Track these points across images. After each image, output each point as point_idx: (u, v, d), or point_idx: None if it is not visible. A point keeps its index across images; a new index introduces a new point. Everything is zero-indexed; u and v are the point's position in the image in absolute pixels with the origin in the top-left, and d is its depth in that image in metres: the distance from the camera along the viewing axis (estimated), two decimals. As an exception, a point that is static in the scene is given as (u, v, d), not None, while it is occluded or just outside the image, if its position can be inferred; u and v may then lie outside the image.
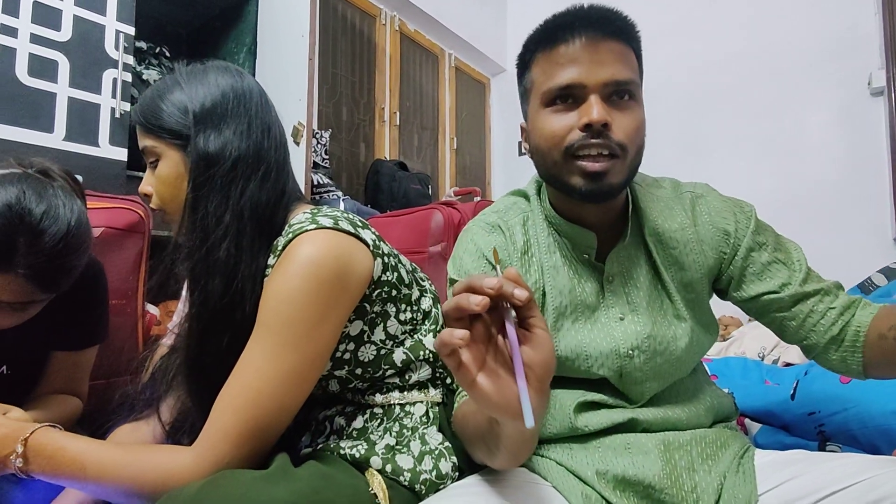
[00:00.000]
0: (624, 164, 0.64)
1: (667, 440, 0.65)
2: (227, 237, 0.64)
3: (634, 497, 0.62)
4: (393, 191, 2.49)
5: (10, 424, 0.61)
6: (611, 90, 0.63)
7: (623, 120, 0.63)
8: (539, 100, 0.67)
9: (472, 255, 0.73)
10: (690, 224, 0.72)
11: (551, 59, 0.65)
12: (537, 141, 0.68)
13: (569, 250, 0.72)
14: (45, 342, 0.87)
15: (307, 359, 0.61)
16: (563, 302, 0.70)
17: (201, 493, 0.50)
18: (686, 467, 0.63)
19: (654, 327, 0.69)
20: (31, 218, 0.68)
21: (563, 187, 0.66)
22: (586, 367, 0.68)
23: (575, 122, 0.63)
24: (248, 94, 0.70)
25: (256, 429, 0.59)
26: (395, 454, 0.65)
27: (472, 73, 3.75)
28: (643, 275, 0.71)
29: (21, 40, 1.44)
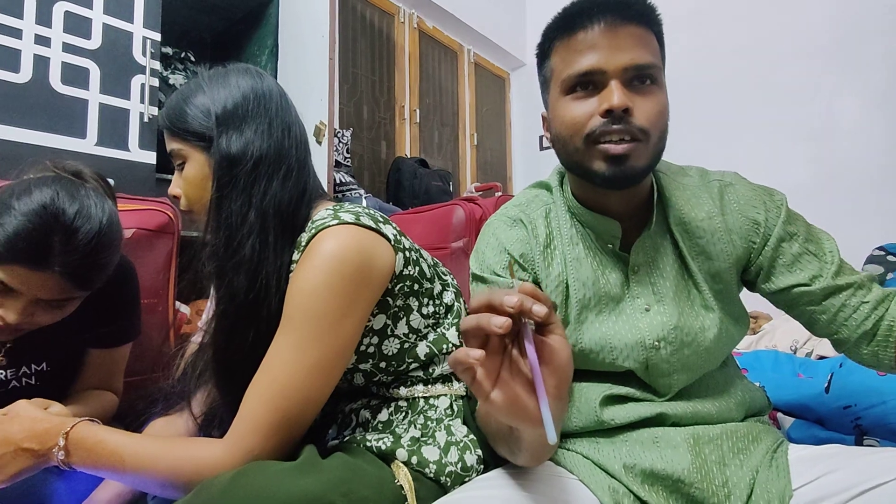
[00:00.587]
0: (647, 147, 0.62)
1: (696, 434, 0.64)
2: (251, 235, 0.65)
3: (663, 491, 0.61)
4: (414, 188, 2.50)
5: (52, 419, 0.64)
6: (631, 75, 0.62)
7: (645, 104, 0.62)
8: (559, 88, 0.66)
9: (495, 250, 0.73)
10: (718, 213, 0.71)
11: (570, 47, 0.64)
12: (558, 129, 0.67)
13: (592, 241, 0.71)
14: (82, 340, 0.90)
15: (332, 352, 0.62)
16: (587, 294, 0.69)
17: (233, 484, 0.51)
18: (717, 461, 0.62)
19: (680, 318, 0.68)
20: (65, 218, 0.70)
21: (586, 174, 0.65)
22: (611, 359, 0.68)
23: (595, 108, 0.62)
24: (269, 94, 0.71)
25: (284, 420, 0.60)
26: (421, 446, 0.66)
27: (491, 69, 3.73)
28: (669, 264, 0.70)
29: (54, 49, 1.48)
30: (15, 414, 0.65)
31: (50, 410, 0.68)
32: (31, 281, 0.70)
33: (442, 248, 1.46)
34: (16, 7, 1.42)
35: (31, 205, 0.69)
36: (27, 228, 0.68)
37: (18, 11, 1.42)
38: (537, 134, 3.73)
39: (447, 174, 2.76)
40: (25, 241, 0.68)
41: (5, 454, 0.61)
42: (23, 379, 0.84)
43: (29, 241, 0.68)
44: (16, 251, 0.68)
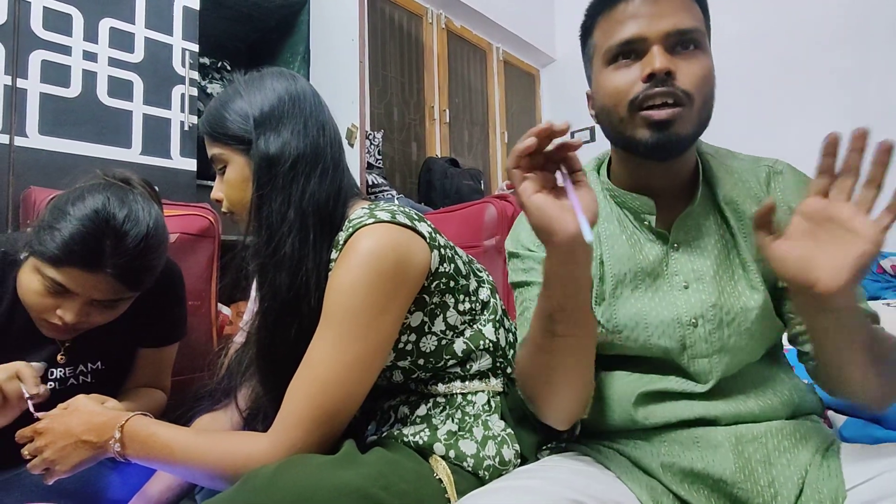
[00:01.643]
0: (691, 112, 0.61)
1: (739, 433, 0.62)
2: (291, 233, 0.67)
3: (704, 491, 0.59)
4: (445, 187, 2.50)
5: (108, 413, 0.67)
6: (674, 40, 0.61)
7: (688, 67, 0.61)
8: (601, 60, 0.66)
9: (529, 231, 0.72)
10: (764, 199, 0.68)
11: (611, 19, 0.64)
12: (602, 100, 0.66)
13: (629, 220, 0.71)
14: (133, 340, 0.95)
15: (370, 348, 0.63)
16: (622, 269, 0.69)
17: (276, 475, 0.52)
18: (761, 461, 0.60)
19: (721, 296, 0.65)
20: (115, 222, 0.74)
21: (630, 144, 0.64)
22: (645, 336, 0.66)
23: (638, 75, 0.61)
24: (303, 95, 0.73)
25: (325, 415, 0.61)
26: (458, 440, 0.66)
27: (520, 66, 3.71)
28: (712, 243, 0.68)
29: (101, 64, 1.56)
30: (75, 408, 0.68)
31: (106, 405, 0.71)
32: (86, 282, 0.74)
33: (475, 247, 1.46)
34: (65, 25, 1.50)
35: (84, 210, 0.73)
36: (81, 232, 0.72)
37: (68, 29, 1.50)
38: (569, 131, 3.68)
39: (478, 173, 2.75)
40: (80, 245, 0.72)
41: (66, 445, 0.65)
42: (80, 377, 0.89)
43: (83, 245, 0.72)
44: (71, 254, 0.72)
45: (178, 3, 1.73)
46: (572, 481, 0.57)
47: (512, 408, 0.73)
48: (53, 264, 0.73)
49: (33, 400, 0.71)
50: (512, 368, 0.76)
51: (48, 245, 0.72)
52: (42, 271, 0.74)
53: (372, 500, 0.52)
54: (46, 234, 0.73)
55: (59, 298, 0.76)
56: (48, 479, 0.67)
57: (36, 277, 0.75)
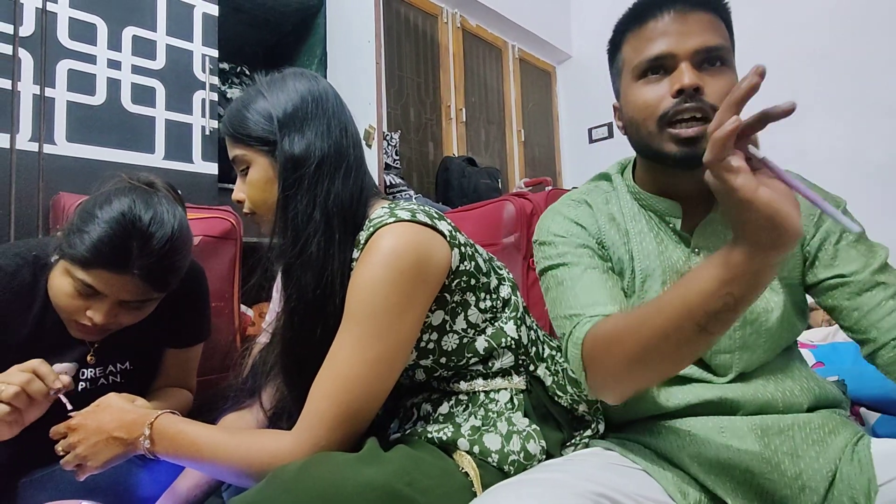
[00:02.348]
0: None
1: (765, 424, 0.62)
2: (317, 234, 0.67)
3: (730, 482, 0.59)
4: (463, 186, 2.50)
5: (138, 410, 0.69)
6: (701, 57, 0.64)
7: (716, 84, 0.63)
8: (630, 75, 0.69)
9: (559, 221, 0.75)
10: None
11: (641, 36, 0.67)
12: (631, 114, 0.69)
13: (655, 222, 0.72)
14: (159, 340, 0.97)
15: (392, 347, 0.63)
16: (651, 265, 0.70)
17: (301, 472, 0.53)
18: (788, 453, 0.60)
19: None
20: (141, 224, 0.76)
21: (657, 156, 0.67)
22: None
23: (667, 90, 0.64)
24: (325, 95, 0.73)
25: (348, 413, 0.62)
26: (482, 435, 0.66)
27: (536, 63, 3.69)
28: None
29: (124, 71, 1.59)
30: (106, 405, 0.70)
31: (135, 404, 0.73)
32: (114, 283, 0.76)
33: (494, 245, 1.46)
34: (90, 34, 1.53)
35: (111, 213, 0.75)
36: (109, 235, 0.74)
37: (92, 38, 1.54)
38: (586, 127, 3.66)
39: (496, 171, 2.74)
40: (108, 247, 0.74)
41: (98, 442, 0.67)
42: (109, 377, 0.91)
43: (111, 247, 0.74)
44: (100, 256, 0.74)
45: (198, 9, 1.76)
46: (597, 475, 0.57)
47: (535, 405, 0.73)
48: (83, 266, 0.75)
49: (59, 392, 0.72)
50: (535, 366, 0.75)
51: (78, 248, 0.74)
52: (72, 273, 0.76)
53: (396, 496, 0.52)
54: (76, 237, 0.75)
55: (88, 300, 0.77)
56: (80, 475, 0.69)
57: (66, 280, 0.77)
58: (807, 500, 0.56)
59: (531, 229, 1.49)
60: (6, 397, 0.67)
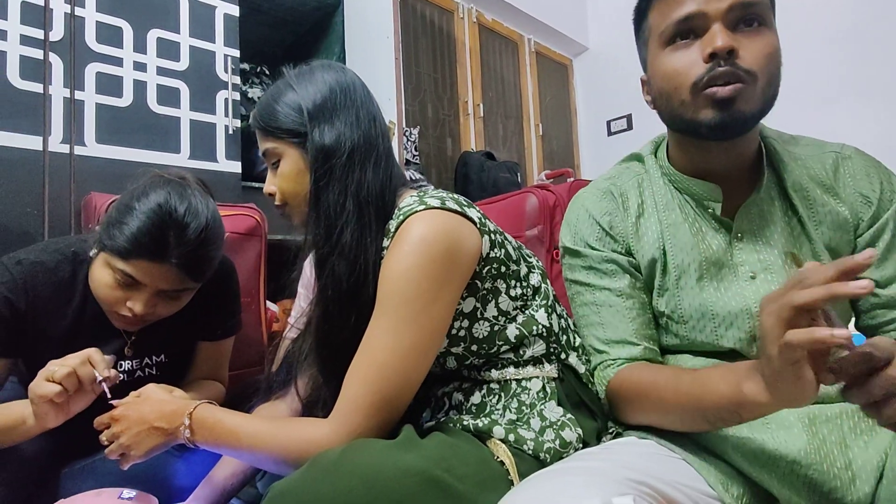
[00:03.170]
0: (755, 90, 0.58)
1: (812, 414, 0.59)
2: (349, 223, 0.67)
3: (776, 474, 0.57)
4: (482, 181, 2.50)
5: (178, 401, 0.70)
6: (736, 15, 0.58)
7: (752, 45, 0.58)
8: (657, 41, 0.64)
9: (586, 222, 0.73)
10: (832, 185, 0.66)
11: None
12: (660, 84, 0.64)
13: (691, 207, 0.69)
14: (193, 333, 0.99)
15: (426, 333, 0.64)
16: (686, 259, 0.67)
17: (341, 458, 0.53)
18: (837, 442, 0.57)
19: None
20: (177, 214, 0.78)
21: (691, 127, 0.62)
22: (712, 327, 0.65)
23: (698, 55, 0.59)
24: (353, 86, 0.74)
25: (383, 401, 0.62)
26: (517, 427, 0.66)
27: (553, 56, 3.66)
28: (778, 231, 0.65)
29: (150, 73, 1.62)
30: (147, 396, 0.72)
31: (174, 394, 0.75)
32: (153, 273, 0.78)
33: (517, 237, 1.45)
34: (117, 37, 1.57)
35: (149, 205, 0.77)
36: (147, 225, 0.76)
37: (119, 41, 1.57)
38: (604, 119, 3.62)
39: (515, 165, 2.73)
40: (146, 237, 0.76)
41: (140, 431, 0.68)
42: (146, 369, 0.93)
43: (149, 237, 0.76)
44: (139, 246, 0.76)
45: (220, 10, 1.78)
46: (636, 463, 0.56)
47: (568, 394, 0.72)
48: (123, 257, 0.77)
49: (106, 383, 0.74)
50: (566, 354, 0.75)
51: (117, 239, 0.76)
52: (113, 265, 0.78)
53: (435, 481, 0.53)
54: (115, 230, 0.77)
55: (128, 291, 0.80)
56: (124, 463, 0.71)
57: (107, 271, 0.79)
58: (857, 491, 0.54)
59: (555, 221, 1.47)
60: (58, 377, 0.70)
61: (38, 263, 0.83)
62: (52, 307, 0.84)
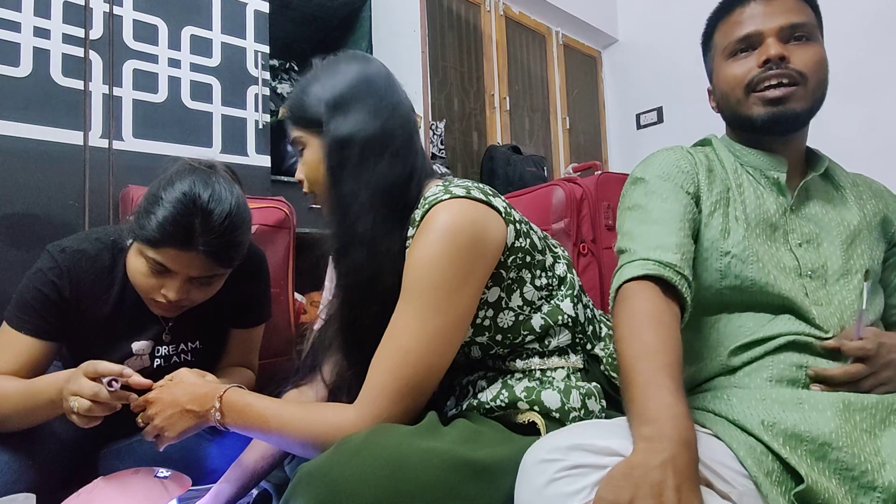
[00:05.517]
0: (805, 90, 0.70)
1: (847, 400, 0.59)
2: (362, 213, 0.69)
3: (806, 455, 0.56)
4: (508, 175, 2.48)
5: (209, 384, 0.73)
6: (787, 34, 0.71)
7: (802, 54, 0.70)
8: (721, 56, 0.77)
9: (658, 161, 0.78)
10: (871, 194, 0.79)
11: (730, 21, 0.75)
12: (721, 87, 0.77)
13: (754, 178, 0.76)
14: (225, 320, 1.01)
15: (450, 321, 0.64)
16: (751, 214, 0.73)
17: (367, 441, 0.55)
18: (867, 430, 0.57)
19: (831, 260, 0.72)
20: (202, 202, 0.80)
21: (746, 122, 0.74)
22: (774, 274, 0.69)
23: (755, 63, 0.71)
24: (374, 77, 0.74)
25: (408, 387, 0.63)
26: (539, 392, 0.67)
27: (581, 49, 3.61)
28: (824, 213, 0.74)
29: (183, 70, 1.67)
30: (179, 380, 0.74)
31: (206, 378, 0.77)
32: (182, 260, 0.80)
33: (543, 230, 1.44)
34: (152, 35, 1.61)
35: (174, 194, 0.79)
36: (173, 214, 0.78)
37: (154, 39, 1.62)
38: (634, 112, 3.55)
39: (541, 159, 2.71)
40: (173, 226, 0.78)
41: (174, 414, 0.71)
42: (181, 355, 0.96)
43: (175, 225, 0.78)
44: (167, 235, 0.78)
45: (250, 7, 1.82)
46: None
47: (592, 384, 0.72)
48: (153, 246, 0.79)
49: (118, 382, 0.72)
50: (592, 345, 0.74)
51: (147, 229, 0.79)
52: (145, 253, 0.81)
53: (461, 461, 0.53)
54: (144, 220, 0.80)
55: (161, 278, 0.82)
56: (159, 444, 0.73)
57: (140, 260, 0.82)
58: (886, 476, 0.53)
59: (581, 214, 1.46)
60: (83, 411, 0.71)
61: (81, 252, 0.87)
62: (93, 294, 0.87)
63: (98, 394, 0.71)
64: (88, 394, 0.71)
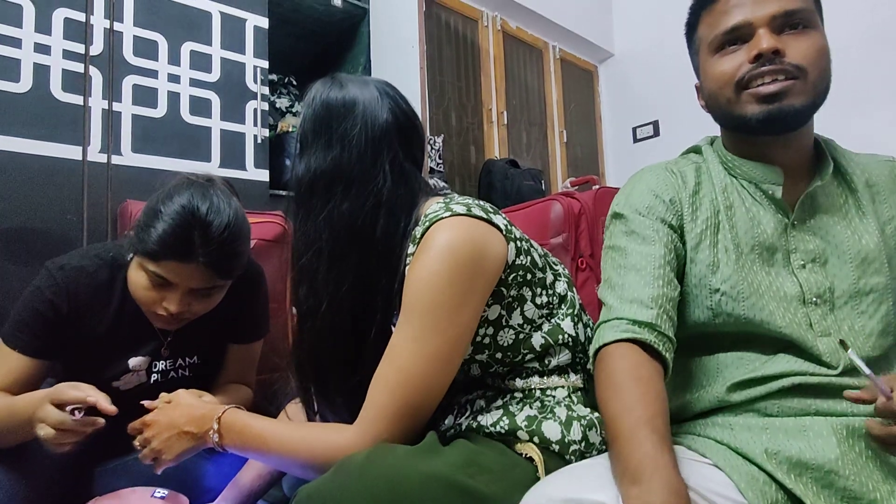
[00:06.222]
0: (805, 84, 0.61)
1: (851, 426, 0.57)
2: (309, 250, 0.69)
3: (812, 483, 0.55)
4: (506, 188, 2.49)
5: (206, 405, 0.72)
6: (781, 22, 0.62)
7: (799, 44, 0.61)
8: (707, 50, 0.68)
9: (641, 192, 0.73)
10: (894, 190, 0.69)
11: (715, 11, 0.67)
12: (709, 86, 0.69)
13: (748, 193, 0.69)
14: (224, 336, 1.01)
15: (451, 340, 0.64)
16: (742, 240, 0.67)
17: (367, 463, 0.54)
18: (872, 456, 0.56)
19: (840, 280, 0.64)
20: (200, 214, 0.81)
21: (741, 123, 0.65)
22: (771, 308, 0.63)
23: (745, 58, 0.63)
24: (335, 107, 0.71)
25: (408, 407, 0.63)
26: (541, 423, 0.66)
27: (577, 63, 3.64)
28: (835, 222, 0.66)
29: (183, 85, 1.68)
30: (177, 402, 0.74)
31: (203, 399, 0.76)
32: (182, 272, 0.81)
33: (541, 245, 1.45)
34: (152, 51, 1.62)
35: (173, 206, 0.80)
36: (172, 227, 0.79)
37: (154, 54, 1.63)
38: (630, 126, 3.58)
39: (539, 173, 2.72)
40: (172, 238, 0.79)
41: (171, 436, 0.70)
42: (179, 370, 0.96)
43: (175, 238, 0.79)
44: (166, 248, 0.79)
45: (250, 23, 1.83)
46: None
47: (594, 405, 0.71)
48: (153, 259, 0.80)
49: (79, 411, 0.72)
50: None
51: (147, 243, 0.79)
52: (145, 267, 0.81)
53: (459, 486, 0.53)
54: (144, 233, 0.80)
55: (162, 291, 0.82)
56: (157, 468, 0.72)
57: (141, 273, 0.82)
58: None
59: (580, 229, 1.46)
60: (49, 439, 0.71)
61: (80, 268, 0.87)
62: (92, 309, 0.87)
63: (63, 422, 0.71)
64: (52, 422, 0.71)
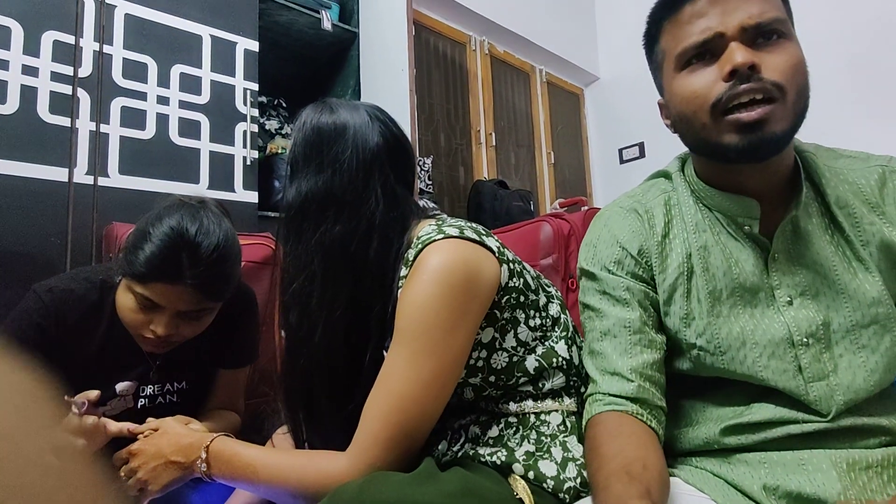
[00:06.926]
0: (785, 107, 0.55)
1: (851, 458, 0.56)
2: (301, 274, 0.69)
3: None
4: (495, 209, 2.51)
5: (194, 434, 0.70)
6: (753, 34, 0.56)
7: (775, 59, 0.55)
8: (672, 66, 0.61)
9: (606, 243, 0.70)
10: (878, 203, 0.62)
11: (679, 21, 0.60)
12: (679, 108, 0.61)
13: (722, 226, 0.65)
14: (213, 360, 0.99)
15: (445, 364, 0.63)
16: (718, 285, 0.63)
17: (361, 492, 0.53)
18: (876, 490, 0.54)
19: (831, 312, 0.60)
20: (189, 235, 0.80)
21: (717, 151, 0.59)
22: (754, 357, 0.60)
23: (717, 75, 0.56)
24: (326, 132, 0.72)
25: (402, 433, 0.62)
26: (537, 460, 0.64)
27: (564, 86, 3.71)
28: (819, 251, 0.61)
29: (172, 107, 1.67)
30: (163, 431, 0.72)
31: (190, 427, 0.74)
32: (171, 295, 0.79)
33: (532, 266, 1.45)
34: (142, 73, 1.62)
35: (162, 228, 0.79)
36: (160, 248, 0.78)
37: (144, 76, 1.62)
38: (616, 147, 3.64)
39: (527, 194, 2.75)
40: (160, 260, 0.78)
41: (157, 466, 0.68)
42: (167, 395, 0.94)
43: (163, 260, 0.78)
44: (154, 270, 0.78)
45: (240, 46, 1.84)
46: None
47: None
48: (141, 281, 0.79)
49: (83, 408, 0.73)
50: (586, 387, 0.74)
51: (135, 265, 0.78)
52: (133, 289, 0.80)
53: None
54: (132, 255, 0.79)
55: (150, 313, 0.81)
56: (143, 499, 0.70)
57: (129, 296, 0.81)
58: None
59: (569, 250, 1.47)
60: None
61: (69, 291, 0.85)
62: (80, 333, 0.85)
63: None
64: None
